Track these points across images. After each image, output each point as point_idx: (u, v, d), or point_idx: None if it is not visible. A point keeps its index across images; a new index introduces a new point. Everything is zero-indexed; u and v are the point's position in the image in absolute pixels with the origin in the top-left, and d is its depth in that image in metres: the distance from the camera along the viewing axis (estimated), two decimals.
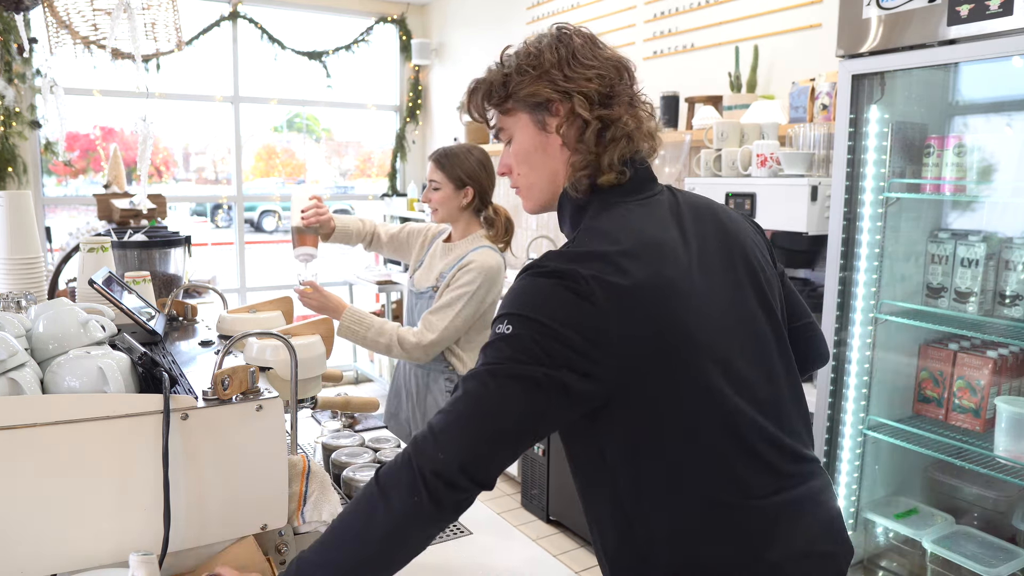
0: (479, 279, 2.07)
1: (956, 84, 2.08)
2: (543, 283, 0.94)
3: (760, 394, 1.02)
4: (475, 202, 2.19)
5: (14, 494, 0.92)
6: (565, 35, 1.12)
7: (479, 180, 2.19)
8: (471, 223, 2.24)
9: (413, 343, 2.05)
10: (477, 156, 2.20)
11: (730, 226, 1.13)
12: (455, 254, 2.18)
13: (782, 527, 1.01)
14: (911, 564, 2.10)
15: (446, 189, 2.17)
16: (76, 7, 2.17)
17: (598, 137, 1.06)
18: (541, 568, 1.28)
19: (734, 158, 2.52)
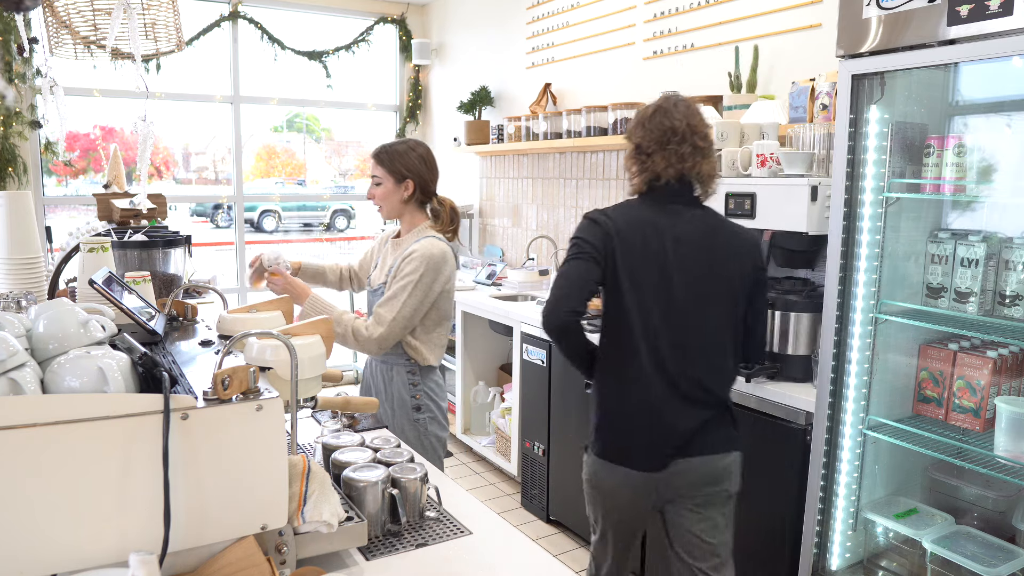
0: (421, 267, 2.13)
1: (956, 84, 2.08)
2: (584, 220, 1.87)
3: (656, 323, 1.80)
4: (416, 194, 2.26)
5: (14, 494, 0.92)
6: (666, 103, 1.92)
7: (419, 173, 2.25)
8: (416, 216, 2.31)
9: (365, 336, 2.13)
10: (418, 152, 2.27)
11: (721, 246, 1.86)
12: (403, 247, 2.26)
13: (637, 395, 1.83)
14: (911, 564, 2.10)
15: (387, 184, 2.25)
16: (76, 7, 2.17)
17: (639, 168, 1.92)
18: (541, 568, 1.29)
19: (734, 158, 2.52)
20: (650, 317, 1.78)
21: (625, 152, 1.96)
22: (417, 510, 1.42)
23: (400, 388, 2.26)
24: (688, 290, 1.79)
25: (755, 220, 2.38)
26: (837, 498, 2.13)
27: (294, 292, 2.18)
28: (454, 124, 5.30)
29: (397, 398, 2.26)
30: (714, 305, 1.82)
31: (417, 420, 2.27)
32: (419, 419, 2.27)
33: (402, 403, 2.26)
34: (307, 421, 1.96)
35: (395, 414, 2.27)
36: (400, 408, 2.26)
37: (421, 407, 2.28)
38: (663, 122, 1.83)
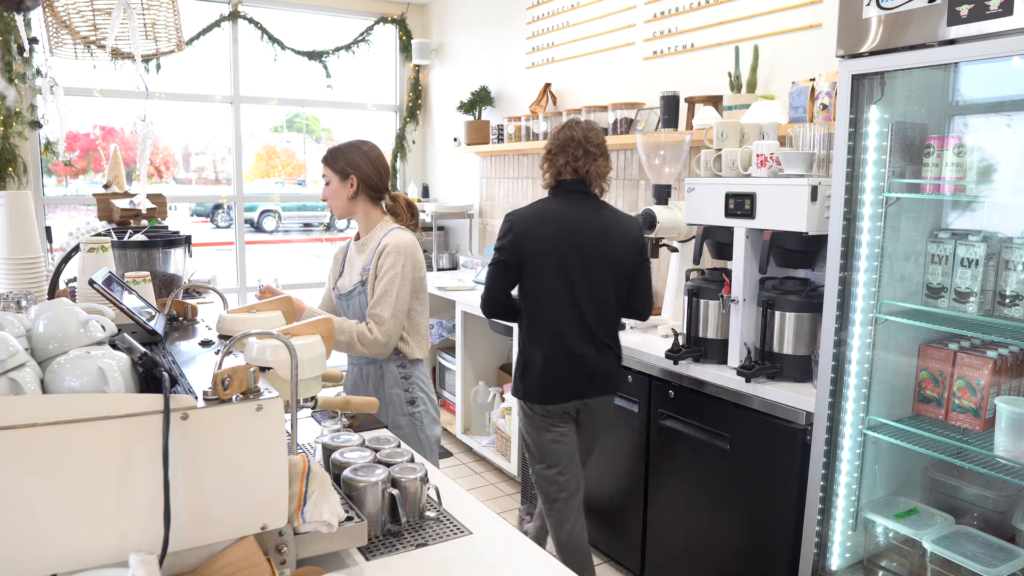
0: (401, 258, 2.18)
1: (956, 84, 2.08)
2: (503, 222, 2.41)
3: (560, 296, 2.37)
4: (360, 190, 2.29)
5: (14, 494, 0.92)
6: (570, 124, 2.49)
7: (361, 168, 2.28)
8: (371, 213, 2.33)
9: (371, 339, 2.15)
10: (363, 148, 2.30)
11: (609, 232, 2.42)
12: (370, 247, 2.28)
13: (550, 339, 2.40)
14: (911, 564, 2.10)
15: (333, 182, 2.29)
16: (76, 7, 2.17)
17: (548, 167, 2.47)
18: (541, 568, 1.29)
19: (734, 158, 2.52)
20: (556, 291, 2.36)
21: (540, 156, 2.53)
22: (417, 510, 1.41)
23: (392, 384, 2.29)
24: (584, 269, 2.36)
25: (755, 220, 2.38)
26: (837, 498, 2.13)
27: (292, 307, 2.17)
28: (454, 124, 5.30)
29: (389, 394, 2.29)
30: (603, 281, 2.39)
31: (413, 414, 2.30)
32: (415, 412, 2.31)
33: (395, 399, 2.29)
34: (307, 421, 1.96)
35: (388, 411, 2.29)
36: (394, 404, 2.29)
37: (416, 400, 2.31)
38: (567, 133, 2.42)
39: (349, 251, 2.42)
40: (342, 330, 2.16)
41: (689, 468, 2.61)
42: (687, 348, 2.59)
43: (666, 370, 2.66)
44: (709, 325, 2.57)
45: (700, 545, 2.59)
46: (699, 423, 2.56)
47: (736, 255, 2.47)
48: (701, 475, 2.56)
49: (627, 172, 3.85)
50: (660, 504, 2.76)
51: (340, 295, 2.37)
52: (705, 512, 2.55)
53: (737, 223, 2.45)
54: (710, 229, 2.58)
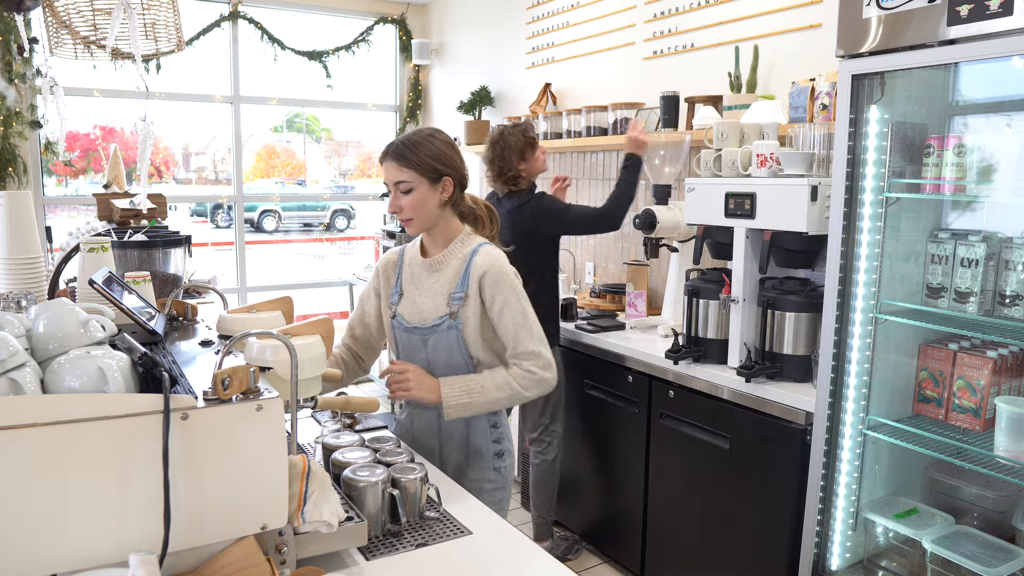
0: (511, 279, 1.78)
1: (956, 84, 2.08)
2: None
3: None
4: (455, 194, 1.82)
5: (14, 494, 0.92)
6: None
7: (456, 167, 1.81)
8: (452, 224, 1.85)
9: (539, 377, 1.76)
10: (441, 137, 1.81)
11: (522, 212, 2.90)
12: (452, 267, 1.81)
13: None
14: (911, 564, 2.10)
15: (420, 188, 1.75)
16: (76, 7, 2.17)
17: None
18: (541, 568, 1.29)
19: (734, 158, 2.52)
20: None
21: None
22: (417, 510, 1.42)
23: (479, 434, 1.86)
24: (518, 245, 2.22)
25: (755, 220, 2.38)
26: (837, 498, 2.13)
27: (428, 387, 1.77)
28: (454, 124, 5.30)
29: (473, 448, 1.86)
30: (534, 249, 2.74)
31: (501, 469, 1.89)
32: (503, 468, 1.89)
33: (483, 453, 1.86)
34: (307, 421, 1.96)
35: (470, 467, 1.86)
36: (482, 459, 1.86)
37: (504, 453, 1.89)
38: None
39: (409, 268, 1.89)
40: (498, 386, 1.75)
41: (689, 468, 2.61)
42: (687, 348, 2.59)
43: (666, 370, 2.66)
44: (709, 325, 2.57)
45: (700, 545, 2.59)
46: (699, 423, 2.56)
47: (736, 255, 2.47)
48: (701, 475, 2.56)
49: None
50: (660, 504, 2.76)
51: (410, 327, 1.83)
52: (705, 512, 2.55)
53: (737, 223, 2.45)
54: (710, 229, 2.58)
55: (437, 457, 1.88)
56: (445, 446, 1.88)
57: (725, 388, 2.44)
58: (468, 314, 1.77)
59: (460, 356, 1.80)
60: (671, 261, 3.18)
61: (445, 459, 1.88)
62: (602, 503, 3.06)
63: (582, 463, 3.17)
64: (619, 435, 2.91)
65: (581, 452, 3.16)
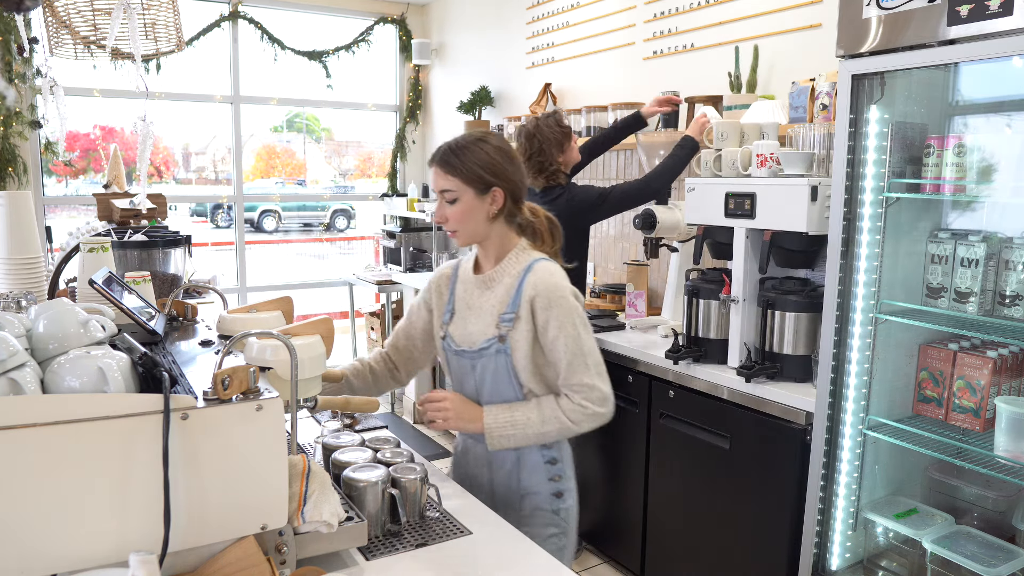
0: (565, 301, 1.59)
1: (956, 84, 2.08)
2: None
3: None
4: (507, 206, 1.64)
5: (14, 494, 0.92)
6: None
7: (505, 175, 1.62)
8: (506, 237, 1.68)
9: (589, 412, 1.60)
10: (494, 143, 1.63)
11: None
12: (504, 285, 1.64)
13: None
14: (911, 564, 2.10)
15: (465, 197, 1.60)
16: (76, 7, 2.17)
17: None
18: (541, 568, 1.29)
19: (734, 158, 2.52)
20: None
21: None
22: (417, 510, 1.41)
23: (531, 471, 1.68)
24: None
25: (755, 220, 2.38)
26: (837, 498, 2.13)
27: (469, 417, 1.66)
28: (454, 124, 5.30)
29: (525, 486, 1.68)
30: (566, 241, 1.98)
31: (558, 511, 1.70)
32: (561, 509, 1.70)
33: (537, 492, 1.68)
34: (307, 421, 1.96)
35: (522, 508, 1.68)
36: (535, 500, 1.68)
37: (564, 492, 1.71)
38: None
39: (462, 284, 1.74)
40: (544, 419, 1.60)
41: (689, 468, 2.61)
42: (687, 348, 2.59)
43: (666, 370, 2.66)
44: (709, 325, 2.57)
45: (700, 545, 2.59)
46: (699, 423, 2.56)
47: (736, 255, 2.47)
48: (701, 475, 2.56)
49: (627, 172, 3.85)
50: (660, 504, 2.76)
51: (459, 350, 1.69)
52: (705, 512, 2.55)
53: (737, 223, 2.45)
54: (710, 229, 2.58)
55: (488, 494, 1.70)
56: (496, 482, 1.70)
57: (725, 388, 2.44)
58: (518, 338, 1.59)
59: (509, 384, 1.63)
60: (671, 261, 3.18)
61: (497, 497, 1.70)
62: (602, 503, 3.06)
63: (582, 463, 3.16)
64: (619, 435, 2.91)
65: (581, 452, 3.15)
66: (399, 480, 1.39)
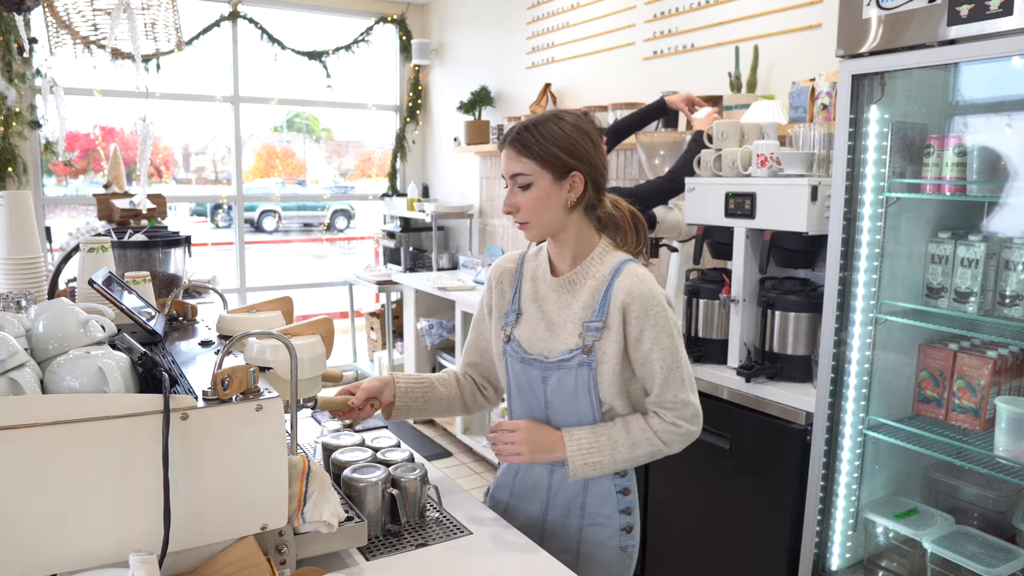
0: (664, 312, 1.42)
1: (956, 84, 2.08)
2: None
3: None
4: (588, 195, 1.44)
5: (14, 494, 0.92)
6: None
7: (586, 157, 1.42)
8: (585, 232, 1.48)
9: (683, 431, 1.47)
10: (571, 121, 1.42)
11: None
12: (588, 288, 1.45)
13: None
14: (911, 564, 2.10)
15: (542, 183, 1.40)
16: (76, 7, 2.17)
17: None
18: (541, 568, 1.28)
19: (734, 158, 2.52)
20: None
21: None
22: (417, 510, 1.41)
23: (601, 501, 1.50)
24: None
25: (755, 220, 2.38)
26: (837, 498, 2.13)
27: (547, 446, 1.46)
28: (454, 124, 5.30)
29: (590, 518, 1.50)
30: None
31: (626, 548, 1.52)
32: (628, 546, 1.52)
33: (598, 526, 1.50)
34: (307, 421, 1.96)
35: (582, 542, 1.50)
36: (596, 533, 1.50)
37: (632, 527, 1.53)
38: None
39: (532, 283, 1.54)
40: (635, 443, 1.43)
41: (689, 468, 2.61)
42: (687, 348, 2.59)
43: None
44: (709, 325, 2.57)
45: (700, 545, 2.59)
46: None
47: (736, 255, 2.47)
48: (701, 475, 2.56)
49: (627, 172, 3.85)
50: (660, 504, 2.76)
51: (529, 358, 1.49)
52: (705, 512, 2.55)
53: (737, 223, 2.45)
54: (710, 229, 2.58)
55: (539, 525, 1.52)
56: (552, 511, 1.52)
57: (725, 388, 2.44)
58: (606, 349, 1.42)
59: (588, 401, 1.45)
60: (671, 261, 3.18)
61: (551, 530, 1.52)
62: None
63: None
64: None
65: None
66: (399, 480, 1.39)
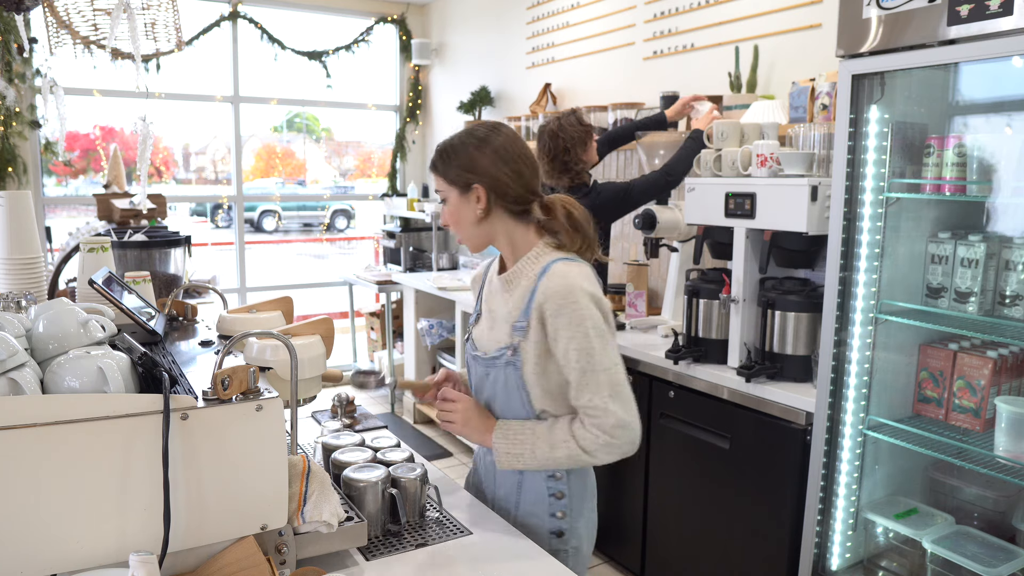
0: (582, 310, 1.39)
1: (956, 84, 2.08)
2: None
3: None
4: (495, 205, 1.47)
5: (14, 494, 0.92)
6: None
7: (482, 170, 1.45)
8: (516, 235, 1.51)
9: (602, 442, 1.40)
10: (492, 141, 1.47)
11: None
12: (522, 287, 1.47)
13: None
14: (911, 564, 2.10)
15: (452, 197, 1.49)
16: (76, 7, 2.17)
17: None
18: (541, 568, 1.28)
19: (734, 158, 2.52)
20: None
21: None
22: (417, 510, 1.41)
23: (534, 503, 1.51)
24: None
25: (755, 220, 2.38)
26: (837, 498, 2.13)
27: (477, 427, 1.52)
28: (454, 124, 5.30)
29: (525, 517, 1.52)
30: None
31: (557, 553, 1.48)
32: (560, 552, 1.50)
33: (529, 525, 1.51)
34: (307, 421, 1.96)
35: (517, 524, 1.51)
36: (528, 527, 1.50)
37: (565, 532, 1.51)
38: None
39: (488, 283, 1.60)
40: (554, 444, 1.42)
41: (689, 468, 2.61)
42: (687, 348, 2.59)
43: (666, 370, 2.66)
44: (709, 325, 2.57)
45: (700, 545, 2.59)
46: (699, 423, 2.56)
47: (736, 255, 2.47)
48: (701, 475, 2.56)
49: (627, 172, 3.85)
50: (660, 504, 2.76)
51: (475, 356, 1.55)
52: (705, 512, 2.55)
53: (737, 223, 2.45)
54: (710, 229, 2.58)
55: (491, 501, 1.58)
56: (497, 500, 1.56)
57: (725, 388, 2.44)
58: (528, 349, 1.43)
59: (519, 400, 1.47)
60: (671, 261, 3.18)
61: (497, 508, 1.56)
62: (602, 503, 3.04)
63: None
64: None
65: None
66: (399, 480, 1.39)
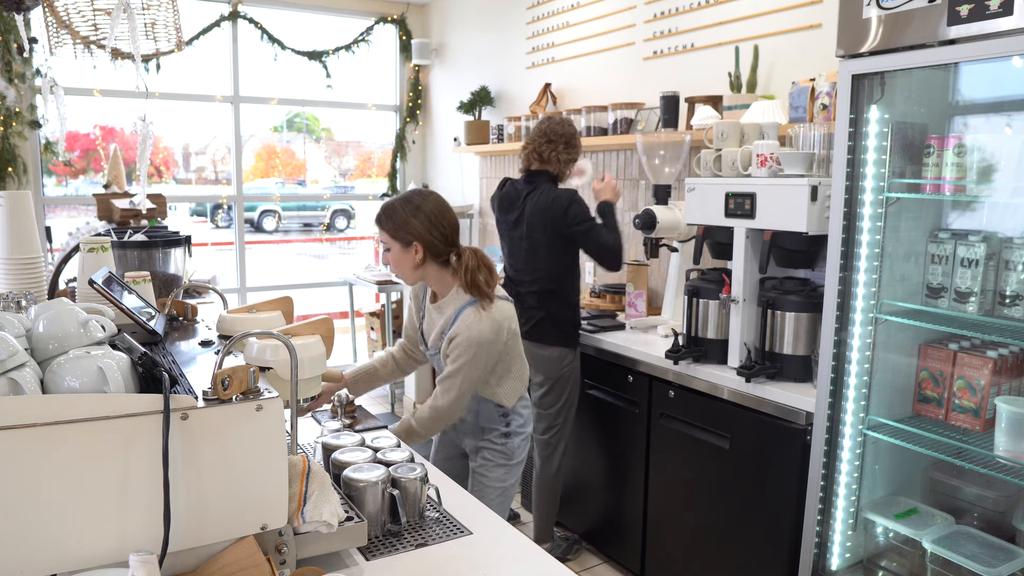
0: (470, 350, 1.98)
1: (956, 84, 2.08)
2: None
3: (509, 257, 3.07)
4: (427, 258, 2.01)
5: (14, 494, 0.92)
6: None
7: (421, 235, 1.97)
8: (443, 278, 2.07)
9: (428, 415, 2.04)
10: (424, 208, 1.99)
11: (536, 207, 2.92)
12: (445, 316, 2.07)
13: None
14: (911, 564, 2.10)
15: (394, 249, 2.00)
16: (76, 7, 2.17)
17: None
18: (541, 568, 1.29)
19: (734, 158, 2.52)
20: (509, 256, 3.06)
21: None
22: (417, 510, 1.42)
23: (487, 415, 2.14)
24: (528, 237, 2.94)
25: (755, 220, 2.38)
26: (837, 498, 2.13)
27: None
28: (454, 124, 5.30)
29: (485, 421, 2.15)
30: (543, 248, 2.92)
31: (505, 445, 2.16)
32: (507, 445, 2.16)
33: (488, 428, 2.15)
34: (307, 421, 1.96)
35: (482, 438, 2.16)
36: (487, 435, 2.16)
37: (511, 433, 2.16)
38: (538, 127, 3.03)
39: (427, 304, 2.18)
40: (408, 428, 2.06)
41: (689, 468, 2.61)
42: (687, 348, 2.59)
43: (666, 370, 2.66)
44: (709, 325, 2.57)
45: (700, 545, 2.59)
46: (699, 423, 2.56)
47: (736, 255, 2.47)
48: (701, 475, 2.56)
49: (627, 172, 3.85)
50: (660, 504, 2.76)
51: (428, 349, 2.18)
52: (705, 512, 2.55)
53: (737, 223, 2.45)
54: (710, 229, 2.58)
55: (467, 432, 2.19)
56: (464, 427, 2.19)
57: (725, 388, 2.44)
58: (441, 360, 2.07)
59: None
60: (671, 261, 3.18)
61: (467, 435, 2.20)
62: (602, 503, 3.06)
63: (582, 463, 3.17)
64: (619, 435, 2.91)
65: (581, 452, 3.16)
66: (399, 480, 1.39)
